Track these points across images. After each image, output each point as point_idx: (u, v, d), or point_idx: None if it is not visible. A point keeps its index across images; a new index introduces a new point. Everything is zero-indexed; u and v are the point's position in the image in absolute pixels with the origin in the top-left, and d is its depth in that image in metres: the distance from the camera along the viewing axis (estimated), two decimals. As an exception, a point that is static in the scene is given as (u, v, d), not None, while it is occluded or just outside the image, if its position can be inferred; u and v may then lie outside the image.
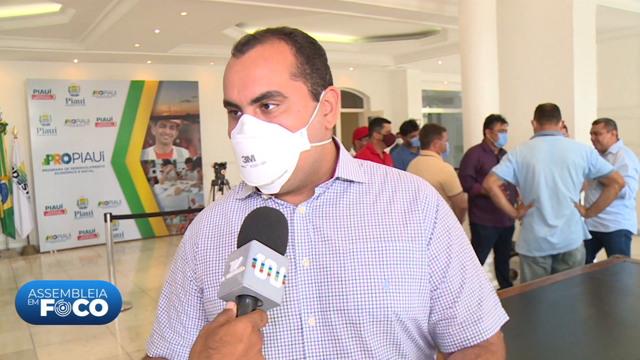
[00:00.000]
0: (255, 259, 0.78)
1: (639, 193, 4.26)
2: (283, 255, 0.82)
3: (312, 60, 0.96)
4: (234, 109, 0.95)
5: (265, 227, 0.83)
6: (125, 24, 6.29)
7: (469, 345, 1.00)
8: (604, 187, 3.51)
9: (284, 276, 0.80)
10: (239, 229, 0.99)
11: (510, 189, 4.02)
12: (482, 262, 4.74)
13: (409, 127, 5.42)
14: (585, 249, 3.66)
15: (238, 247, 0.83)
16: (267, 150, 0.92)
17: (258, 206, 1.00)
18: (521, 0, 5.27)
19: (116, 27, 6.39)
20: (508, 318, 1.05)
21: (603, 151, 4.21)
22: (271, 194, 0.99)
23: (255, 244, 0.80)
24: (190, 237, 1.07)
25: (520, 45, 5.29)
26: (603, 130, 4.24)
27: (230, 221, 1.04)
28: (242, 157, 0.93)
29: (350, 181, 1.01)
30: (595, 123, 4.36)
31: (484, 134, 4.51)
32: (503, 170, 3.53)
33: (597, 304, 2.59)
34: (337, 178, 1.01)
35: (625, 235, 4.16)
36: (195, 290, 1.03)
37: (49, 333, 4.60)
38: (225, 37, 7.57)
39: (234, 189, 1.11)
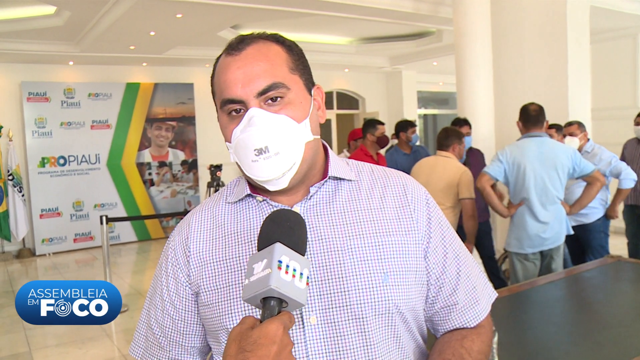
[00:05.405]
0: (280, 261, 0.79)
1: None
2: (303, 256, 0.83)
3: (302, 58, 1.01)
4: (235, 107, 0.96)
5: (286, 229, 0.83)
6: (121, 26, 6.29)
7: (468, 327, 1.06)
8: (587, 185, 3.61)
9: (307, 277, 0.82)
10: (232, 233, 1.01)
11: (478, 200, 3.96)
12: None
13: (407, 124, 5.41)
14: (568, 252, 3.85)
15: (259, 249, 0.83)
16: (280, 141, 0.93)
17: (251, 209, 1.02)
18: (515, 2, 5.29)
19: (111, 30, 6.39)
20: (497, 294, 1.12)
21: (578, 150, 4.28)
22: (266, 196, 1.01)
23: (279, 246, 0.80)
24: (180, 242, 1.05)
25: (515, 46, 5.32)
26: (577, 130, 4.36)
27: (223, 225, 1.03)
28: (255, 149, 0.93)
29: (341, 179, 1.04)
30: (569, 125, 4.47)
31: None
32: (495, 170, 3.62)
33: (591, 303, 2.62)
34: (330, 177, 1.02)
35: (604, 231, 4.29)
36: (191, 295, 1.03)
37: (45, 336, 4.59)
38: (221, 39, 7.57)
39: (222, 192, 1.11)
